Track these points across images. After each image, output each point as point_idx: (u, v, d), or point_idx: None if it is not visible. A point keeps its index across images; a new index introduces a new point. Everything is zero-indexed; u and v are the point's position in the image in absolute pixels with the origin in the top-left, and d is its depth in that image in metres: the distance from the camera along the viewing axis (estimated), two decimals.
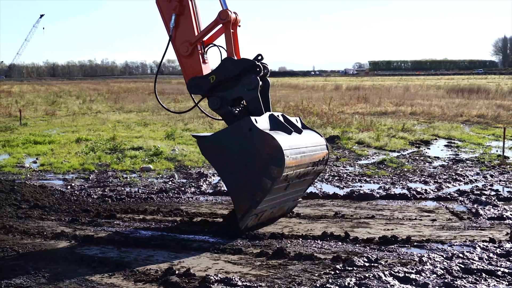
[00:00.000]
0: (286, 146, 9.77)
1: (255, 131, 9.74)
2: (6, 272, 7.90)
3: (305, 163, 10.53)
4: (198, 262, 8.41)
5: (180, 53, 11.03)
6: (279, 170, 9.56)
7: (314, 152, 10.95)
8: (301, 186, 11.29)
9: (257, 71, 10.61)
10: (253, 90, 10.55)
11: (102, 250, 9.00)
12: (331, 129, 27.60)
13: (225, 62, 10.70)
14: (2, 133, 28.54)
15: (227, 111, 10.71)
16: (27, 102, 54.63)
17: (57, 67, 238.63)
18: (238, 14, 11.06)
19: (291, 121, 10.96)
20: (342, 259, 8.32)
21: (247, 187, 9.78)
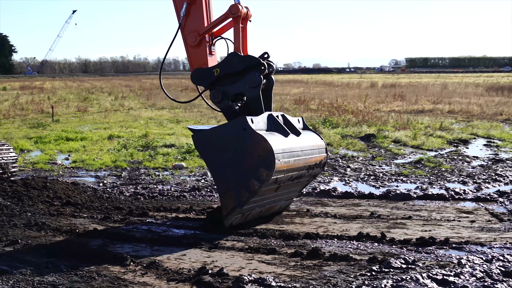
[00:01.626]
0: (279, 149, 9.86)
1: (249, 131, 9.85)
2: (38, 269, 7.98)
3: (298, 167, 10.61)
4: (232, 261, 8.41)
5: (188, 42, 11.18)
6: (268, 173, 9.68)
7: (311, 155, 11.02)
8: (294, 187, 11.36)
9: (261, 70, 10.72)
10: (255, 88, 10.69)
11: (134, 249, 9.05)
12: (366, 127, 27.44)
13: (230, 56, 10.85)
14: (35, 129, 28.85)
15: (227, 105, 10.84)
16: (59, 98, 55.15)
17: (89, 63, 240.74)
18: (249, 9, 11.18)
19: (290, 122, 11.04)
20: (379, 260, 8.27)
21: (235, 186, 9.93)
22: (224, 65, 10.84)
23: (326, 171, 16.80)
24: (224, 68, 10.82)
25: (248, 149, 9.83)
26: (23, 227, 10.30)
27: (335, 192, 13.64)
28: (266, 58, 11.08)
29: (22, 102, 46.79)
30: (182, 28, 11.22)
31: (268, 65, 11.01)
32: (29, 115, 36.96)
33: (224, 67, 10.83)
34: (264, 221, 10.83)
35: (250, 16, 11.26)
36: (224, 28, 11.26)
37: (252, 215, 10.65)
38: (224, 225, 10.18)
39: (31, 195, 12.29)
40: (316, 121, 29.00)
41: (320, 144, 11.45)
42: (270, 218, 11.07)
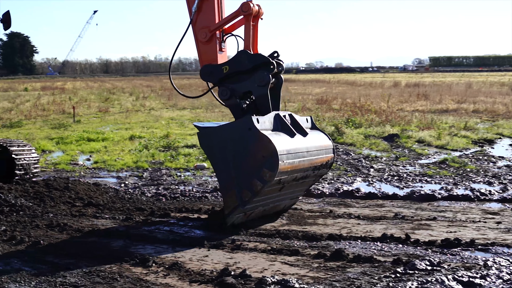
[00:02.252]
0: (284, 150, 9.93)
1: (254, 131, 9.91)
2: (60, 270, 8.02)
3: (303, 168, 10.68)
4: (254, 263, 8.41)
5: (198, 38, 11.27)
6: (271, 174, 9.75)
7: (317, 156, 11.08)
8: (299, 187, 11.42)
9: (270, 69, 10.77)
10: (263, 87, 10.76)
11: (156, 250, 9.08)
12: (390, 127, 27.32)
13: (240, 54, 10.94)
14: (56, 130, 29.04)
15: (235, 103, 10.96)
16: (81, 99, 55.45)
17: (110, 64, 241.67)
18: (261, 7, 11.23)
19: (298, 122, 11.09)
20: (403, 262, 8.22)
21: (238, 185, 10.02)
22: (233, 63, 10.94)
23: (349, 172, 16.76)
24: (233, 66, 10.92)
25: (252, 149, 9.92)
26: (45, 228, 10.37)
27: (359, 193, 13.60)
28: (276, 57, 11.17)
29: (43, 103, 47.11)
30: (193, 23, 11.31)
31: (278, 64, 11.08)
32: (51, 116, 37.20)
33: (233, 65, 10.92)
34: (286, 223, 10.83)
35: (262, 14, 11.34)
36: (235, 25, 11.35)
37: (255, 214, 10.73)
38: (226, 224, 10.27)
39: (53, 196, 12.36)
40: (339, 121, 28.92)
41: (327, 144, 11.53)
42: (293, 219, 11.07)
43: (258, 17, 11.30)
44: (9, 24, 14.16)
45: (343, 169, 17.35)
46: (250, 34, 11.12)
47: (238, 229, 10.19)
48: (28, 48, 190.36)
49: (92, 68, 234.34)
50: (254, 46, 11.33)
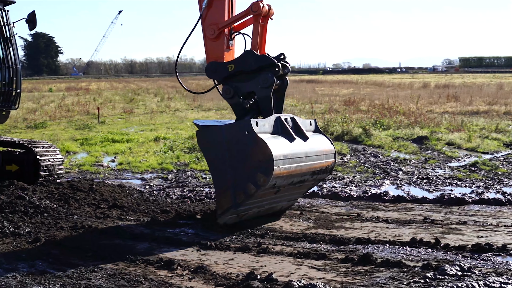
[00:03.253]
0: (280, 155, 10.08)
1: (252, 134, 10.04)
2: (85, 272, 8.07)
3: (300, 172, 10.85)
4: (280, 266, 8.39)
5: (207, 34, 11.42)
6: (265, 179, 9.92)
7: (317, 161, 11.23)
8: (297, 190, 11.57)
9: (275, 71, 10.93)
10: (267, 88, 10.93)
11: (181, 253, 9.10)
12: (419, 129, 27.19)
13: (246, 54, 11.11)
14: (81, 131, 29.25)
15: (238, 102, 11.19)
16: (105, 99, 55.80)
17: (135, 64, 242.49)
18: (271, 7, 11.36)
19: (299, 125, 11.19)
20: (433, 267, 8.16)
21: (232, 186, 10.21)
22: (239, 62, 11.11)
23: (377, 174, 16.70)
24: (238, 65, 11.09)
25: (249, 152, 10.09)
26: (69, 229, 10.43)
27: (387, 196, 13.55)
28: (282, 59, 11.28)
29: (68, 104, 47.45)
30: (203, 19, 11.46)
31: (283, 66, 11.22)
32: (75, 117, 37.48)
33: (238, 64, 11.10)
34: (313, 226, 10.82)
35: (272, 14, 11.48)
36: (244, 24, 11.49)
37: (249, 215, 10.89)
38: (218, 223, 10.48)
39: (77, 198, 12.44)
40: (367, 122, 28.82)
41: (328, 149, 11.68)
42: None
43: (268, 17, 11.45)
44: (35, 24, 14.29)
45: (371, 171, 17.29)
46: (258, 34, 11.26)
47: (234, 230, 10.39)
48: (52, 49, 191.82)
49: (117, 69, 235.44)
50: (262, 46, 11.47)
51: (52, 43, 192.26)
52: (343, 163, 19.22)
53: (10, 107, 14.46)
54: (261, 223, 11.00)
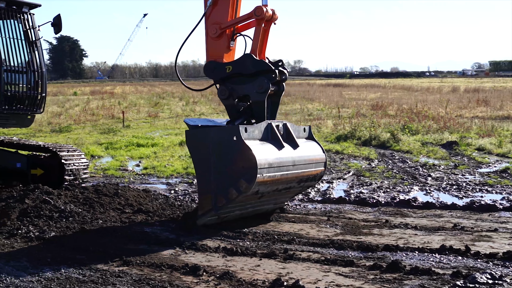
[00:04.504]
0: (265, 163, 10.33)
1: (239, 140, 10.28)
2: (110, 278, 8.10)
3: (286, 180, 11.14)
4: (307, 273, 8.37)
5: (209, 33, 11.65)
6: (247, 186, 10.22)
7: (304, 169, 11.53)
8: (283, 196, 11.83)
9: (271, 77, 11.16)
10: (262, 94, 11.18)
11: (207, 258, 9.11)
12: (448, 134, 27.04)
13: (244, 57, 11.34)
14: (105, 135, 29.43)
15: (232, 104, 11.51)
16: (130, 103, 56.10)
17: (160, 68, 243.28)
18: (275, 12, 11.51)
19: (291, 132, 11.39)
20: (463, 275, 8.10)
21: (214, 189, 10.51)
22: (237, 64, 11.35)
23: (406, 180, 16.63)
24: (236, 67, 11.33)
25: (234, 157, 10.35)
26: (94, 234, 10.48)
27: (416, 202, 13.48)
28: (280, 65, 11.51)
29: (92, 107, 47.80)
30: (207, 17, 11.68)
31: (281, 72, 11.44)
32: (100, 121, 37.73)
33: (236, 66, 11.33)
34: (341, 232, 10.79)
35: (276, 19, 11.63)
36: (247, 25, 11.70)
37: (231, 216, 11.14)
38: (197, 224, 10.79)
39: (102, 202, 12.49)
40: (395, 127, 28.70)
41: (318, 158, 11.95)
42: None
43: (271, 21, 11.61)
44: (60, 27, 14.42)
45: (399, 177, 17.22)
46: (259, 38, 11.45)
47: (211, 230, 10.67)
48: (77, 52, 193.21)
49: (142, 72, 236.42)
50: (262, 50, 11.67)
51: (77, 47, 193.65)
52: (370, 168, 19.16)
53: (35, 111, 14.59)
54: (287, 228, 11.00)
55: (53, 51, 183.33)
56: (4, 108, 13.87)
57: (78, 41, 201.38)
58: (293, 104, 49.70)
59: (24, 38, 14.34)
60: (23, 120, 14.75)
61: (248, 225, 11.31)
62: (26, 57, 14.34)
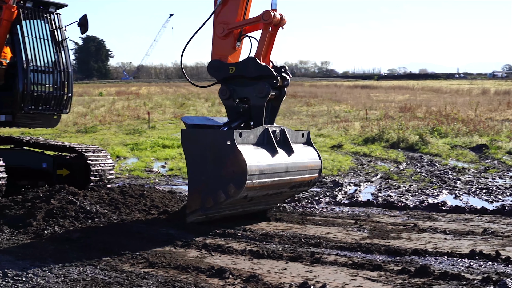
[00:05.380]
0: (256, 170, 10.59)
1: (232, 145, 10.49)
2: (136, 279, 8.13)
3: (277, 186, 11.44)
4: (335, 277, 8.34)
5: (216, 31, 11.83)
6: (236, 191, 10.52)
7: (298, 176, 11.78)
8: (274, 199, 12.05)
9: (273, 83, 11.34)
10: (262, 98, 11.38)
11: (233, 261, 9.11)
12: (478, 137, 26.87)
13: (248, 60, 11.54)
14: (131, 136, 29.58)
15: (232, 105, 11.74)
16: (155, 104, 56.31)
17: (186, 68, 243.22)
18: (284, 17, 11.63)
19: (288, 138, 11.58)
20: (493, 280, 8.03)
21: (204, 190, 10.80)
22: (240, 66, 11.54)
23: (435, 184, 16.55)
24: (239, 69, 11.52)
25: (226, 161, 10.59)
26: (120, 235, 10.53)
27: (445, 206, 13.41)
28: (283, 71, 11.66)
29: (118, 108, 48.06)
30: (216, 15, 11.84)
31: (283, 78, 11.61)
32: (125, 121, 37.93)
33: (240, 68, 11.53)
34: (368, 236, 10.76)
35: (284, 24, 11.75)
36: (255, 27, 11.84)
37: (219, 216, 11.33)
38: (186, 221, 11.12)
39: (128, 203, 12.55)
40: (423, 130, 28.58)
41: (313, 164, 12.15)
42: None
43: (279, 26, 11.72)
44: (86, 27, 14.52)
45: (428, 180, 17.14)
46: (265, 42, 11.59)
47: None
48: (103, 52, 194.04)
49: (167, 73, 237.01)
50: (267, 54, 11.81)
51: (103, 47, 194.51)
52: (398, 171, 19.09)
53: (61, 111, 14.71)
54: (314, 231, 10.99)
55: (78, 51, 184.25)
56: (30, 108, 14.00)
57: (104, 41, 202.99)
58: (320, 105, 49.59)
59: (50, 38, 14.47)
60: (49, 120, 14.88)
61: (275, 227, 11.32)
62: (53, 57, 14.46)
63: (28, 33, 14.04)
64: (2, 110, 14.16)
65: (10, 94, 14.03)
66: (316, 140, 27.40)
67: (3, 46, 14.21)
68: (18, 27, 13.90)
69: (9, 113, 14.19)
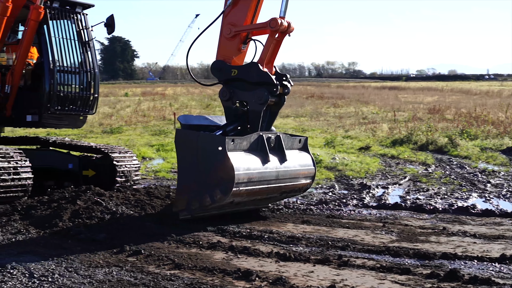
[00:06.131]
0: (245, 177, 10.93)
1: (223, 152, 10.73)
2: (162, 281, 8.15)
3: (265, 192, 11.78)
4: (362, 280, 8.32)
5: (223, 32, 11.99)
6: (222, 197, 10.87)
7: (288, 183, 12.09)
8: (263, 202, 12.34)
9: (272, 91, 11.54)
10: (260, 105, 11.58)
11: (260, 263, 9.10)
12: (508, 139, 26.66)
13: (251, 65, 11.77)
14: (157, 136, 29.69)
15: (231, 107, 11.95)
16: (181, 105, 56.45)
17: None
18: (291, 24, 11.78)
19: (282, 145, 11.79)
20: None
21: (191, 192, 11.10)
22: (243, 70, 11.75)
23: (464, 187, 16.45)
24: (241, 73, 11.72)
25: (216, 166, 10.88)
26: (146, 237, 10.57)
27: (474, 210, 13.32)
28: (285, 79, 11.88)
29: (143, 109, 48.25)
30: (225, 15, 11.98)
31: (284, 86, 11.82)
32: (151, 122, 38.08)
33: (242, 72, 11.73)
34: (397, 239, 10.71)
35: (291, 31, 11.91)
36: (263, 31, 11.99)
37: (208, 215, 11.53)
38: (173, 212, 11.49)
39: (154, 205, 12.58)
40: (453, 132, 28.42)
41: (306, 171, 12.41)
42: None
43: (286, 33, 11.85)
44: (113, 28, 14.61)
45: (457, 183, 17.04)
46: (270, 48, 11.77)
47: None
48: (129, 53, 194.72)
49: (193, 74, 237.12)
50: (271, 60, 11.95)
51: (129, 47, 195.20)
52: (427, 174, 19.00)
53: (87, 111, 14.82)
54: (341, 234, 10.97)
55: (104, 51, 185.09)
56: (56, 109, 14.12)
57: (130, 41, 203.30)
58: (347, 107, 49.45)
59: (77, 39, 14.59)
60: (76, 121, 15.00)
61: (302, 230, 11.32)
62: (79, 58, 14.58)
63: (55, 33, 14.17)
64: (28, 110, 14.31)
65: (37, 94, 14.18)
66: (343, 141, 27.36)
67: (30, 47, 14.35)
68: (45, 27, 14.05)
69: (35, 114, 14.34)
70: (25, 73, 14.57)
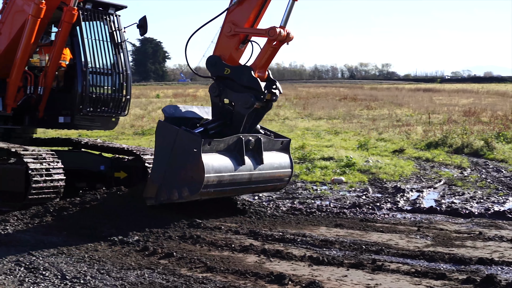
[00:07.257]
0: (214, 180, 11.34)
1: (197, 153, 11.05)
2: (194, 284, 8.18)
3: (235, 193, 12.49)
4: (397, 285, 8.27)
5: (223, 29, 12.17)
6: (188, 195, 11.30)
7: (261, 184, 12.57)
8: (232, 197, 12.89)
9: (260, 98, 11.77)
10: (245, 109, 11.83)
11: (293, 267, 9.10)
12: None
13: (244, 68, 12.04)
14: None
15: (218, 103, 12.15)
16: None
17: None
18: (290, 33, 11.99)
19: (261, 148, 12.14)
20: None
21: (162, 183, 11.37)
22: (235, 71, 11.96)
23: (501, 191, 16.31)
24: (233, 73, 11.93)
25: (188, 165, 11.21)
26: (178, 239, 10.62)
27: (511, 214, 13.19)
28: (274, 88, 12.09)
29: None
30: (228, 12, 12.13)
31: (272, 93, 12.05)
32: None
33: (234, 72, 11.94)
34: (432, 244, 10.64)
35: (290, 40, 12.09)
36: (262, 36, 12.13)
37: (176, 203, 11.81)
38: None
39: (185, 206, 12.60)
40: (489, 134, 28.18)
41: (281, 174, 12.85)
42: None
43: (284, 41, 12.04)
44: (146, 29, 14.71)
45: (494, 187, 16.90)
46: (265, 55, 12.01)
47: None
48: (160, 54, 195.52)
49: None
50: (265, 65, 12.16)
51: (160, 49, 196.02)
52: (463, 177, 18.87)
53: (119, 113, 14.94)
54: (375, 238, 10.93)
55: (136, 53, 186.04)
56: (89, 110, 14.24)
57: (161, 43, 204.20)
58: (380, 109, 49.18)
59: (109, 40, 14.71)
60: (108, 122, 15.12)
61: (335, 233, 11.30)
62: (112, 59, 14.69)
63: (88, 34, 14.30)
64: (61, 112, 14.45)
65: (69, 96, 14.31)
66: (376, 144, 27.26)
67: (63, 48, 14.48)
68: (78, 29, 14.18)
69: (68, 115, 14.48)
70: (58, 74, 14.71)
